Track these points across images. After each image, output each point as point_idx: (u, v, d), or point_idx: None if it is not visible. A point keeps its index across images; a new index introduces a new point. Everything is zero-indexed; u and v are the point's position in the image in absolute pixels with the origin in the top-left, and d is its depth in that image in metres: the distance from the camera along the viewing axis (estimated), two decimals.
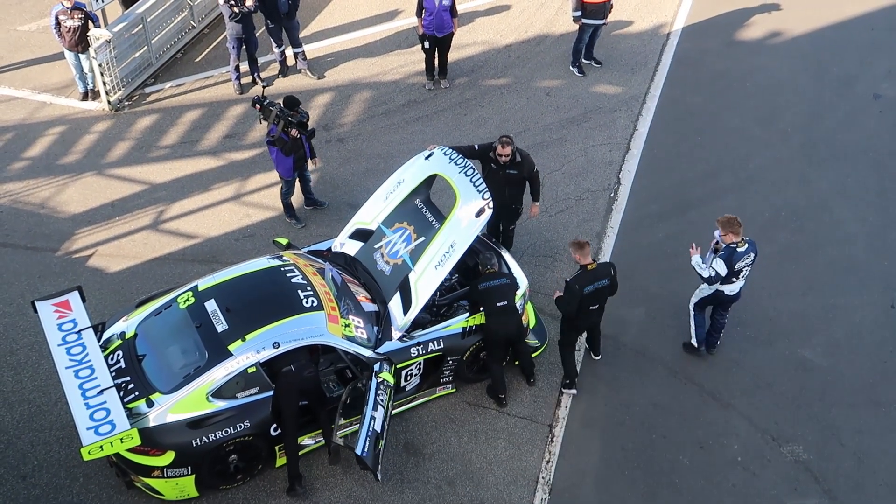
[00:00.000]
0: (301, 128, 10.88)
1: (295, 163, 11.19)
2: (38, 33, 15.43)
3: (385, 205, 10.05)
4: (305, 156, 11.32)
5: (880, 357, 10.35)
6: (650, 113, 13.96)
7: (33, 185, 12.43)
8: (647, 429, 9.60)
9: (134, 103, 14.03)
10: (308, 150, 11.34)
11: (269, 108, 10.91)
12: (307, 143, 11.25)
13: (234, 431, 8.39)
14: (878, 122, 13.85)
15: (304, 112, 11.10)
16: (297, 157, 11.15)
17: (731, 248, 9.53)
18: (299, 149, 11.10)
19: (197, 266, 11.12)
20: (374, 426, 8.46)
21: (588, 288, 9.24)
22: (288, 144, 10.93)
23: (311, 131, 11.10)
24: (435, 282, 9.24)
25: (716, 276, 9.57)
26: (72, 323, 8.70)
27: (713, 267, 9.57)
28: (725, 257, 9.53)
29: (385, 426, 8.64)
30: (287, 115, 10.86)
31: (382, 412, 8.59)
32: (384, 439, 8.62)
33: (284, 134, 10.88)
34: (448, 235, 9.36)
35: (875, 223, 12.06)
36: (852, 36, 15.76)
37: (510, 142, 10.33)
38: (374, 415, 8.49)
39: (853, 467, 9.27)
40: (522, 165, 10.47)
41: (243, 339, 8.48)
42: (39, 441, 9.22)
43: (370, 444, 8.38)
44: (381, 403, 8.60)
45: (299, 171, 11.47)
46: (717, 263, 9.54)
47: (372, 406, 8.53)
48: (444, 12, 13.45)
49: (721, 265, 9.52)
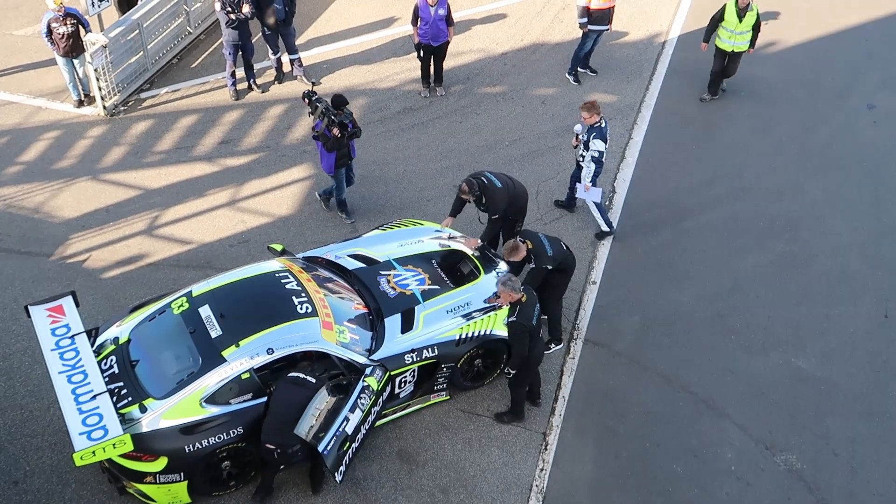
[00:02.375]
0: (342, 128, 11.08)
1: (338, 160, 11.36)
2: (34, 38, 15.41)
3: (399, 249, 10.27)
4: (349, 154, 11.48)
5: (874, 367, 10.36)
6: (645, 122, 13.99)
7: (27, 189, 12.40)
8: (640, 437, 9.60)
9: (129, 108, 14.02)
10: (353, 150, 11.54)
11: (317, 103, 11.18)
12: (352, 143, 11.46)
13: (227, 437, 8.35)
14: (873, 132, 13.90)
15: (350, 113, 11.32)
16: (340, 154, 11.33)
17: (598, 126, 11.02)
18: (342, 147, 11.27)
19: (191, 272, 11.10)
20: (346, 427, 8.37)
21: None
22: (330, 141, 11.13)
23: (352, 133, 11.27)
24: (443, 323, 9.39)
25: (601, 154, 11.07)
26: (65, 328, 8.68)
27: (595, 150, 11.01)
28: (600, 134, 11.02)
29: (360, 431, 8.57)
30: (331, 114, 11.07)
31: (359, 416, 8.51)
32: (356, 443, 8.56)
33: (328, 130, 11.09)
34: (466, 293, 9.75)
35: (869, 233, 12.10)
36: (846, 46, 15.83)
37: (472, 183, 10.34)
38: (349, 416, 8.41)
39: (847, 477, 9.27)
40: (489, 205, 10.49)
41: (237, 345, 8.46)
42: (31, 446, 9.17)
43: (335, 444, 8.28)
44: (361, 407, 8.55)
45: (344, 167, 11.59)
46: (597, 143, 10.99)
47: (349, 407, 8.46)
48: (440, 21, 13.45)
49: (600, 143, 11.02)
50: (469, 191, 10.34)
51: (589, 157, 11.13)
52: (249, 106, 14.15)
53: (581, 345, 10.50)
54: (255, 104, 14.19)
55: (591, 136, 11.09)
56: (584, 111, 11.09)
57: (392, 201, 12.36)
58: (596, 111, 11.02)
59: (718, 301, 11.10)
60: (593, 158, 11.08)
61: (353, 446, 8.54)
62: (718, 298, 11.13)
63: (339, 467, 8.39)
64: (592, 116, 11.01)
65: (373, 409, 8.78)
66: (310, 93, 11.32)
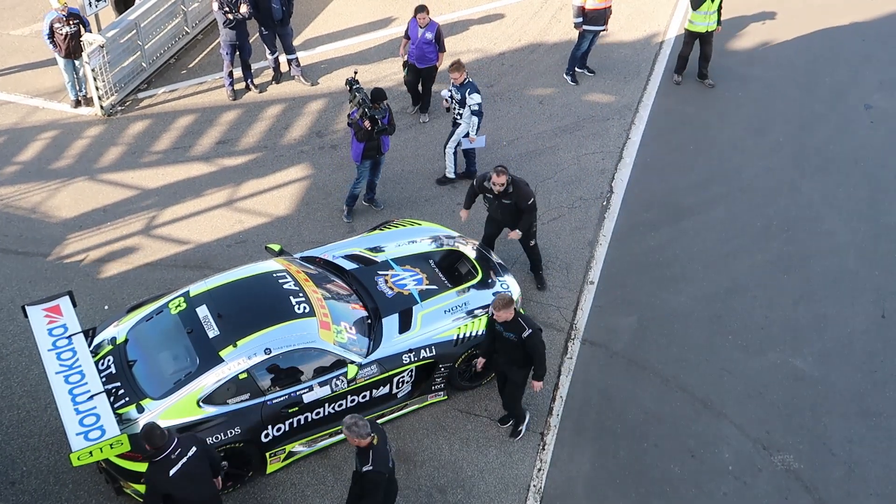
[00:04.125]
0: (372, 122, 11.14)
1: (365, 151, 11.41)
2: (31, 38, 15.40)
3: (396, 249, 10.27)
4: (379, 148, 11.52)
5: (871, 367, 10.37)
6: (643, 122, 14.00)
7: (25, 189, 12.39)
8: (638, 437, 9.60)
9: (127, 108, 14.00)
10: (385, 144, 11.57)
11: (356, 92, 11.26)
12: (385, 138, 11.51)
13: (224, 438, 8.35)
14: (870, 132, 13.92)
15: (386, 109, 11.39)
16: (369, 146, 11.38)
17: (469, 81, 11.79)
18: (371, 139, 11.31)
19: (189, 272, 11.08)
20: (306, 395, 8.64)
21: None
22: (362, 131, 11.20)
23: (382, 128, 11.29)
24: (441, 323, 9.41)
25: (480, 105, 11.77)
26: (62, 328, 8.67)
27: (474, 103, 11.69)
28: (474, 88, 11.78)
29: (322, 408, 8.84)
30: (367, 105, 11.15)
31: (325, 392, 8.75)
32: (312, 414, 8.80)
33: (361, 120, 11.16)
34: (464, 294, 9.77)
35: (866, 233, 12.11)
36: (843, 47, 15.84)
37: (504, 171, 10.25)
38: (314, 386, 8.68)
39: (844, 477, 9.29)
40: (517, 196, 10.35)
41: (235, 345, 8.46)
42: (28, 447, 9.16)
43: (284, 401, 8.60)
44: (330, 384, 8.76)
45: (371, 160, 11.63)
46: (474, 97, 11.71)
47: (320, 382, 8.72)
48: (426, 45, 13.10)
49: (477, 96, 11.75)
50: (504, 173, 10.19)
51: (468, 111, 11.83)
52: (247, 106, 14.14)
53: (579, 345, 10.50)
54: (253, 104, 14.18)
55: (466, 93, 11.80)
56: (453, 72, 11.76)
57: (389, 201, 12.35)
58: (463, 68, 11.80)
59: (716, 301, 11.11)
60: (474, 111, 11.80)
61: (307, 416, 8.75)
62: (716, 298, 11.14)
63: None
64: (462, 75, 11.78)
65: (349, 397, 8.93)
66: (352, 81, 11.39)
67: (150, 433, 7.33)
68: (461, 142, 12.22)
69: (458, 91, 11.92)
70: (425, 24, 13.03)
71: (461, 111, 12.02)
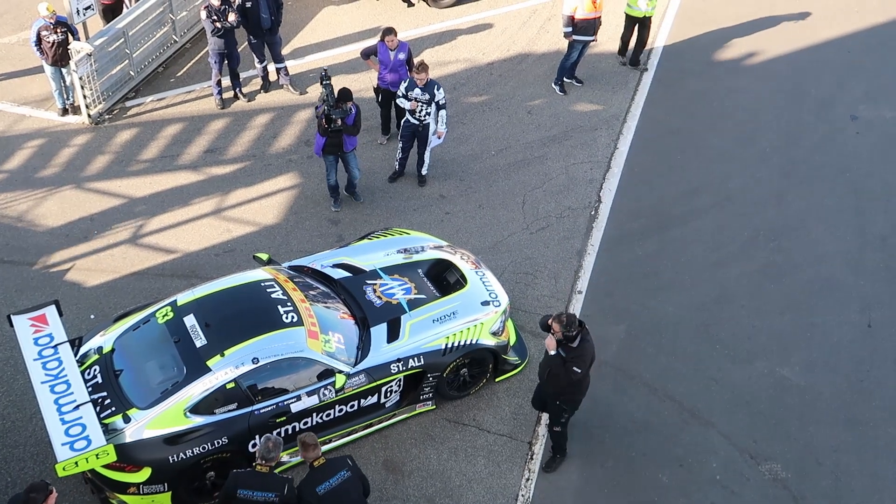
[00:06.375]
0: (327, 119, 11.31)
1: (325, 146, 11.63)
2: (18, 45, 15.34)
3: (385, 259, 10.27)
4: (340, 145, 11.66)
5: (857, 376, 10.42)
6: (631, 132, 14.05)
7: (10, 197, 12.32)
8: (626, 446, 9.61)
9: (114, 117, 13.96)
10: (347, 143, 11.70)
11: (325, 87, 11.34)
12: (349, 137, 11.67)
13: (211, 448, 8.31)
14: (856, 142, 14.01)
15: (350, 109, 11.51)
16: (329, 142, 11.57)
17: (431, 80, 11.98)
18: (327, 135, 11.49)
19: (176, 281, 11.05)
20: (292, 405, 8.65)
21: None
22: (321, 125, 11.38)
23: (337, 128, 11.40)
24: (429, 332, 9.39)
25: (444, 98, 12.12)
26: (48, 337, 8.62)
27: (441, 98, 12.04)
28: (437, 84, 12.06)
29: (310, 417, 8.84)
30: (329, 103, 11.30)
31: (313, 402, 8.75)
32: (300, 423, 8.81)
33: (321, 116, 11.36)
34: (452, 303, 9.73)
35: (852, 243, 12.18)
36: (829, 58, 15.95)
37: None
38: (302, 396, 8.70)
39: (831, 486, 9.31)
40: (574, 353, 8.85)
41: (222, 355, 8.43)
42: (13, 457, 9.09)
43: (270, 410, 8.59)
44: (318, 394, 8.76)
45: (333, 155, 11.81)
46: (440, 92, 12.03)
47: (308, 391, 8.72)
48: (401, 66, 12.73)
49: (442, 91, 12.07)
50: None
51: (435, 107, 12.10)
52: (235, 115, 14.12)
53: None
54: (241, 113, 14.16)
55: (433, 89, 12.02)
56: (420, 73, 11.88)
57: (378, 210, 12.35)
58: (427, 68, 11.96)
59: (704, 310, 11.14)
60: (442, 106, 12.13)
61: (295, 426, 8.76)
62: (704, 308, 11.17)
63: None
64: (427, 75, 11.96)
65: (336, 406, 8.93)
66: (323, 75, 11.43)
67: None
68: (431, 139, 12.40)
69: (423, 92, 11.97)
70: (395, 47, 12.70)
71: (429, 110, 12.11)
